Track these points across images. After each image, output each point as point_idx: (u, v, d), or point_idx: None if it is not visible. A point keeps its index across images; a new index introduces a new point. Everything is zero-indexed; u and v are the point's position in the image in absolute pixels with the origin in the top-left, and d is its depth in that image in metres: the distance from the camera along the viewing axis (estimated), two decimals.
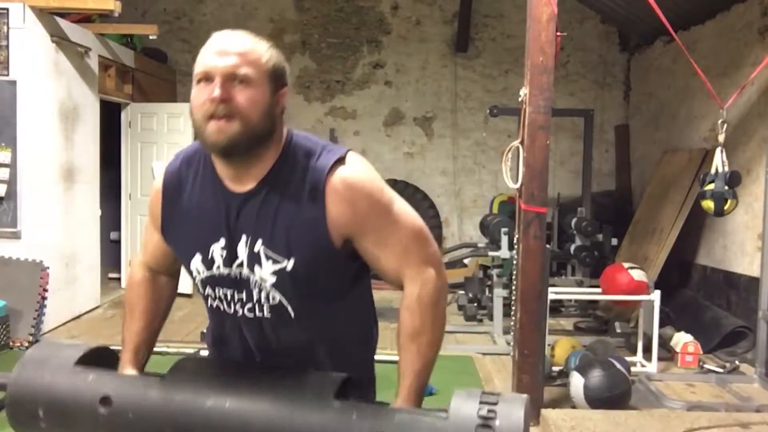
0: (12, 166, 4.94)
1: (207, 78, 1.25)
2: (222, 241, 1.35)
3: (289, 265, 1.31)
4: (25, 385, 1.35)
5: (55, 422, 1.33)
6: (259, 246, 1.32)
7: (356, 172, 1.32)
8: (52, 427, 1.33)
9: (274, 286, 1.33)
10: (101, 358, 1.43)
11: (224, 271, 1.36)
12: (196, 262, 1.38)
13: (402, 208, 1.37)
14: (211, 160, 1.37)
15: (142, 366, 1.50)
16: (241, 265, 1.34)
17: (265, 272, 1.32)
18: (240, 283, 1.36)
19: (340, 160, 1.32)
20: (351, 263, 1.39)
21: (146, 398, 1.29)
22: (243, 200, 1.33)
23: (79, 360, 1.38)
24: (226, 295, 1.38)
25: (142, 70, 6.93)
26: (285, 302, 1.35)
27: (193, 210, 1.39)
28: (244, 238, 1.33)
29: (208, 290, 1.41)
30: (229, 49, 1.26)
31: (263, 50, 1.29)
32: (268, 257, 1.32)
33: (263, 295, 1.35)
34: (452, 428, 1.13)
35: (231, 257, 1.35)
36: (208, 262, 1.37)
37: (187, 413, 1.25)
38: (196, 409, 1.25)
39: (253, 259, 1.33)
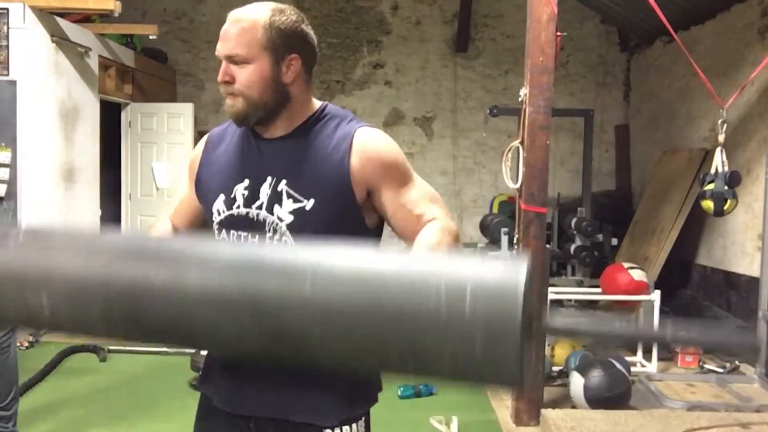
0: (12, 166, 4.94)
1: (220, 58, 1.37)
2: (246, 182, 1.41)
3: (309, 204, 1.35)
4: (21, 262, 1.09)
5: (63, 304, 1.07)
6: (282, 185, 1.37)
7: (383, 136, 1.42)
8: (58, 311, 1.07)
9: (290, 227, 1.36)
10: None
11: (243, 210, 1.40)
12: (219, 202, 1.43)
13: (421, 179, 1.45)
14: None
15: None
16: (260, 207, 1.38)
17: (284, 211, 1.36)
18: (255, 225, 1.39)
19: (369, 126, 1.43)
20: (368, 221, 1.42)
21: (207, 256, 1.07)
22: (275, 144, 1.41)
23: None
24: (239, 238, 1.41)
25: (142, 70, 6.94)
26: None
27: (226, 156, 1.47)
28: (269, 179, 1.39)
29: (224, 234, 1.43)
30: (228, 32, 1.35)
31: (263, 23, 1.34)
32: (289, 196, 1.37)
33: (276, 238, 1.37)
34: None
35: (252, 198, 1.39)
36: (230, 202, 1.42)
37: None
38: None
39: (274, 199, 1.37)
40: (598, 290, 4.87)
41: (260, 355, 1.08)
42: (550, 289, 4.13)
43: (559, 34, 3.50)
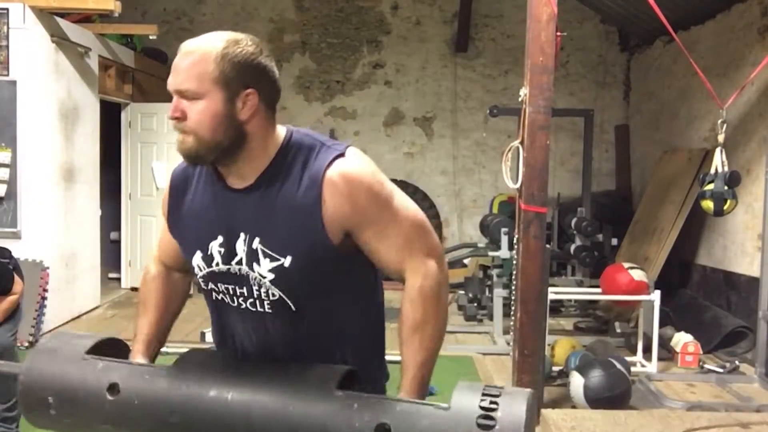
0: (12, 166, 4.95)
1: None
2: (220, 239, 1.36)
3: (287, 262, 1.31)
4: (36, 373, 1.38)
5: (64, 409, 1.35)
6: (257, 244, 1.33)
7: (355, 166, 1.31)
8: (61, 414, 1.35)
9: (273, 282, 1.34)
10: (112, 350, 1.45)
11: (223, 268, 1.37)
12: (197, 258, 1.40)
13: (402, 201, 1.36)
14: None
15: (152, 358, 1.53)
16: (240, 262, 1.35)
17: (264, 269, 1.33)
18: (240, 279, 1.37)
19: (340, 155, 1.32)
20: (351, 259, 1.37)
21: (152, 386, 1.31)
22: (241, 197, 1.34)
23: (90, 350, 1.40)
24: (227, 290, 1.40)
25: (142, 70, 6.94)
26: (285, 298, 1.35)
27: (195, 208, 1.41)
28: (242, 235, 1.34)
29: (211, 285, 1.42)
30: (178, 65, 1.30)
31: (213, 59, 1.26)
32: (265, 255, 1.32)
33: (263, 291, 1.35)
34: (453, 419, 1.13)
35: (230, 255, 1.36)
36: (207, 259, 1.38)
37: (191, 403, 1.27)
38: (199, 398, 1.27)
39: (252, 257, 1.34)
40: (598, 290, 4.87)
41: None
42: (550, 289, 4.13)
43: (559, 34, 3.49)
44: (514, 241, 3.82)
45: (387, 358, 1.53)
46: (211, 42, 1.28)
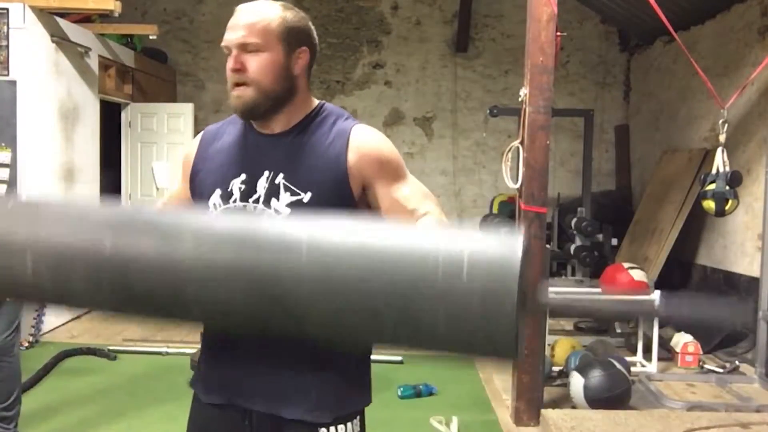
0: (12, 166, 4.94)
1: (227, 49, 1.38)
2: (243, 176, 1.41)
3: (306, 197, 1.36)
4: (8, 229, 1.08)
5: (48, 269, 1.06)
6: (280, 179, 1.38)
7: (379, 134, 1.46)
8: (42, 275, 1.07)
9: None
10: None
11: (240, 204, 1.40)
12: (215, 197, 1.43)
13: (415, 178, 1.47)
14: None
15: None
16: (257, 200, 1.39)
17: (281, 204, 1.37)
18: None
19: (365, 125, 1.45)
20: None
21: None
22: (271, 141, 1.42)
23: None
24: None
25: (142, 70, 6.94)
26: None
27: (221, 151, 1.47)
28: (266, 173, 1.39)
29: None
30: (239, 22, 1.37)
31: (273, 16, 1.38)
32: (287, 189, 1.37)
33: None
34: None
35: (249, 191, 1.40)
36: (226, 196, 1.41)
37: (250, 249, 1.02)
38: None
39: (272, 192, 1.38)
40: (598, 290, 4.87)
41: (253, 326, 1.07)
42: (550, 289, 4.13)
43: (559, 34, 3.50)
44: None
45: (386, 358, 1.53)
46: (270, 6, 1.40)
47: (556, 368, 4.25)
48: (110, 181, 6.77)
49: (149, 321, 1.12)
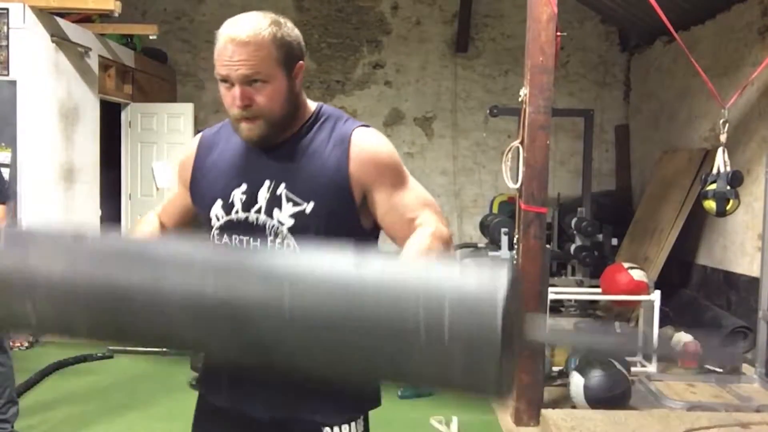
0: (12, 166, 4.94)
1: (227, 81, 1.32)
2: (243, 186, 1.40)
3: (308, 207, 1.35)
4: (11, 262, 1.08)
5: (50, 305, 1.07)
6: (281, 189, 1.37)
7: (379, 137, 1.43)
8: (44, 311, 1.08)
9: (291, 230, 1.35)
10: None
11: (242, 215, 1.39)
12: (216, 208, 1.42)
13: (416, 182, 1.45)
14: None
15: None
16: (259, 210, 1.37)
17: (284, 215, 1.36)
18: (256, 229, 1.38)
19: (364, 125, 1.43)
20: (365, 224, 1.41)
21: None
22: (270, 150, 1.40)
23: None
24: (241, 242, 1.40)
25: (142, 70, 6.93)
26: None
27: (221, 161, 1.45)
28: (267, 183, 1.38)
29: (225, 237, 1.42)
30: (240, 54, 1.29)
31: (270, 41, 1.31)
32: (289, 199, 1.36)
33: (278, 241, 1.37)
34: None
35: (251, 202, 1.38)
36: (228, 207, 1.40)
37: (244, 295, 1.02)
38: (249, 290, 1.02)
39: (273, 203, 1.36)
40: (598, 290, 4.87)
41: (238, 362, 1.10)
42: (550, 289, 4.13)
43: (559, 34, 3.50)
44: (514, 241, 3.83)
45: None
46: (260, 27, 1.31)
47: (556, 368, 4.24)
48: (110, 181, 6.77)
49: (146, 347, 1.15)
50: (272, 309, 0.98)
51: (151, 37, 6.35)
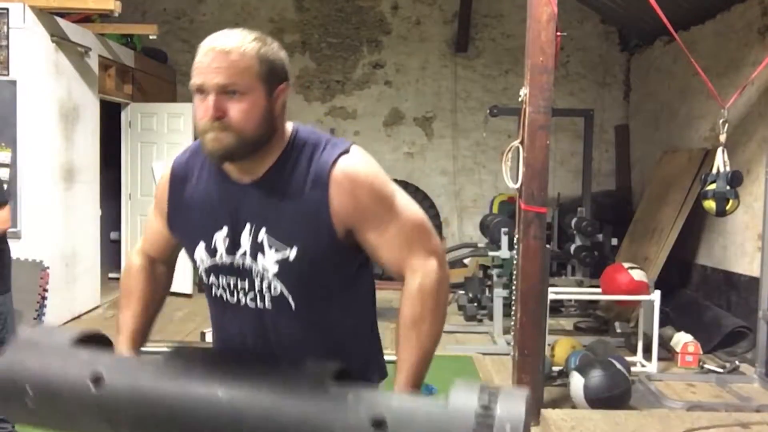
0: (12, 166, 4.94)
1: (201, 91, 1.27)
2: (225, 230, 1.37)
3: (292, 254, 1.32)
4: (14, 363, 1.31)
5: (43, 401, 1.27)
6: (262, 235, 1.34)
7: (359, 164, 1.34)
8: (40, 405, 1.28)
9: (277, 275, 1.34)
10: (96, 344, 1.39)
11: (227, 260, 1.38)
12: (200, 250, 1.40)
13: (404, 201, 1.38)
14: None
15: (137, 352, 1.51)
16: (244, 254, 1.36)
17: (268, 261, 1.34)
18: (243, 272, 1.37)
19: (344, 153, 1.34)
20: (353, 256, 1.39)
21: (138, 380, 1.26)
22: (248, 189, 1.35)
23: (74, 343, 1.35)
24: (229, 284, 1.39)
25: (142, 70, 6.93)
26: (286, 293, 1.36)
27: (198, 199, 1.41)
28: (248, 226, 1.35)
29: (212, 278, 1.42)
30: (219, 62, 1.25)
31: (253, 55, 1.27)
32: (271, 246, 1.33)
33: (265, 284, 1.36)
34: (452, 413, 1.10)
35: (234, 246, 1.36)
36: (211, 251, 1.39)
37: (180, 398, 1.22)
38: (188, 394, 1.22)
39: (257, 248, 1.34)
40: (598, 290, 4.87)
41: None
42: (550, 289, 4.13)
43: (559, 34, 3.49)
44: (514, 241, 3.82)
45: (385, 358, 1.53)
46: (244, 40, 1.28)
47: (556, 368, 4.25)
48: (110, 181, 6.77)
49: None
50: None
51: (151, 37, 6.35)
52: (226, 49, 1.26)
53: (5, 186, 3.18)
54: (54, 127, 5.31)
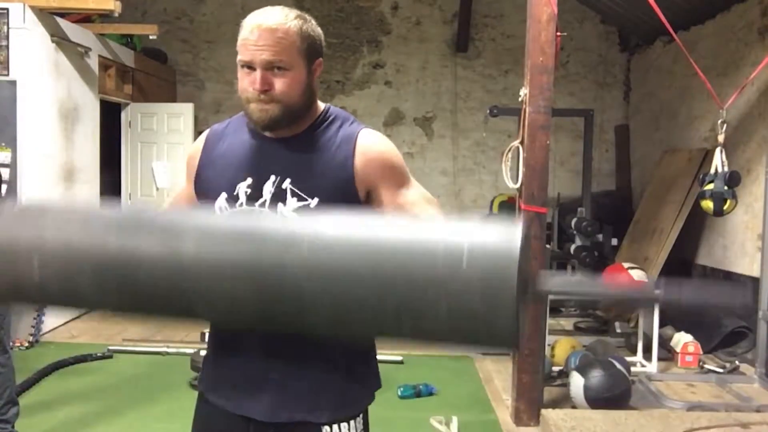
0: (12, 166, 4.94)
1: (249, 66, 1.36)
2: (249, 180, 1.41)
3: (313, 203, 1.37)
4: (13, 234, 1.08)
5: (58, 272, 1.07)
6: (287, 184, 1.39)
7: (384, 139, 1.48)
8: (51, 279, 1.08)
9: None
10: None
11: (246, 208, 1.40)
12: (221, 200, 1.43)
13: (418, 183, 1.49)
14: None
15: None
16: (263, 204, 1.39)
17: (288, 209, 1.37)
18: None
19: (370, 129, 1.47)
20: None
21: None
22: (278, 145, 1.42)
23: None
24: None
25: (142, 70, 6.94)
26: None
27: (227, 154, 1.47)
28: (272, 177, 1.40)
29: None
30: (266, 39, 1.34)
31: (296, 32, 1.37)
32: (294, 194, 1.38)
33: None
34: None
35: (255, 195, 1.40)
36: (232, 199, 1.42)
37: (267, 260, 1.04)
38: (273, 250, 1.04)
39: (278, 196, 1.38)
40: None
41: (257, 321, 1.09)
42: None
43: (559, 34, 3.50)
44: None
45: (386, 358, 1.53)
46: (287, 18, 1.38)
47: (556, 368, 4.25)
48: (110, 181, 6.77)
49: (154, 319, 1.15)
50: (292, 262, 0.99)
51: (151, 37, 6.35)
52: (272, 27, 1.35)
53: (5, 186, 3.18)
54: (54, 127, 5.31)
